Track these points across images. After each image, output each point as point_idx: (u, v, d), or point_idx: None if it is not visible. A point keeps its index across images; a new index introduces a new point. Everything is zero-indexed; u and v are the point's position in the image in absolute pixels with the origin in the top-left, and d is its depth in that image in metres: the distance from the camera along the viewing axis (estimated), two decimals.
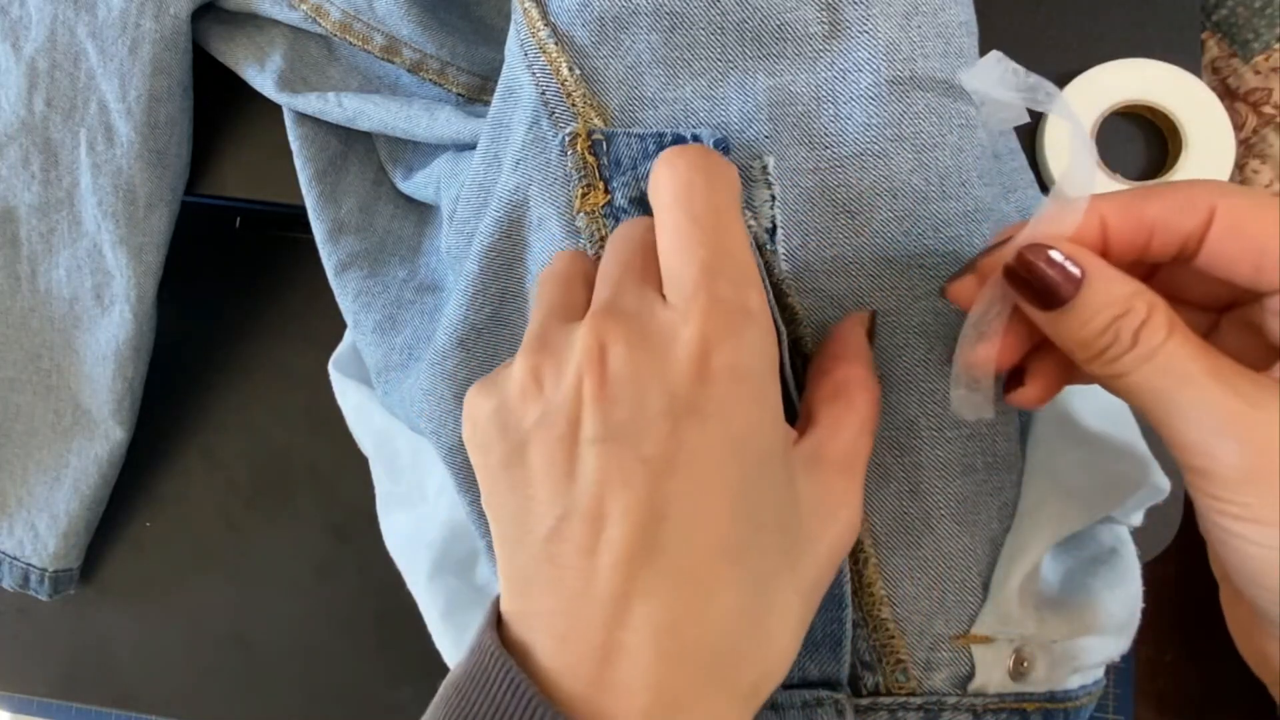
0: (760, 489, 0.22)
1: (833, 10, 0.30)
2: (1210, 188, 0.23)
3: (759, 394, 0.22)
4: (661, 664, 0.20)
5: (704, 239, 0.23)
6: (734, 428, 0.21)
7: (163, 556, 0.49)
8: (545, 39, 0.31)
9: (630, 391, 0.22)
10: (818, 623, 0.30)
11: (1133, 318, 0.23)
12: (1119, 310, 0.23)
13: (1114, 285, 0.23)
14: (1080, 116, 0.41)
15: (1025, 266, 0.24)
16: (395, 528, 0.39)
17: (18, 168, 0.43)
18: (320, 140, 0.42)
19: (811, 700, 0.29)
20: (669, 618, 0.20)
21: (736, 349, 0.22)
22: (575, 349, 0.23)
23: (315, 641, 0.48)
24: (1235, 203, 0.22)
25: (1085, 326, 0.23)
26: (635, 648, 0.20)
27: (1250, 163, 0.44)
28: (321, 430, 0.48)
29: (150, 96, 0.41)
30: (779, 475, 0.22)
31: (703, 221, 0.23)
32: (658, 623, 0.20)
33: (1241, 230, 0.22)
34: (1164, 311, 0.23)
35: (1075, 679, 0.31)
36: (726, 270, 0.23)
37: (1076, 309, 0.23)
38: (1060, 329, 0.24)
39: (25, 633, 0.50)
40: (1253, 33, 0.44)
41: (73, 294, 0.44)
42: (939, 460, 0.30)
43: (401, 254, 0.42)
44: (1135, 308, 0.23)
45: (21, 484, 0.47)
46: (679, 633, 0.20)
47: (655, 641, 0.20)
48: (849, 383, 0.26)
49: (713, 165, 0.24)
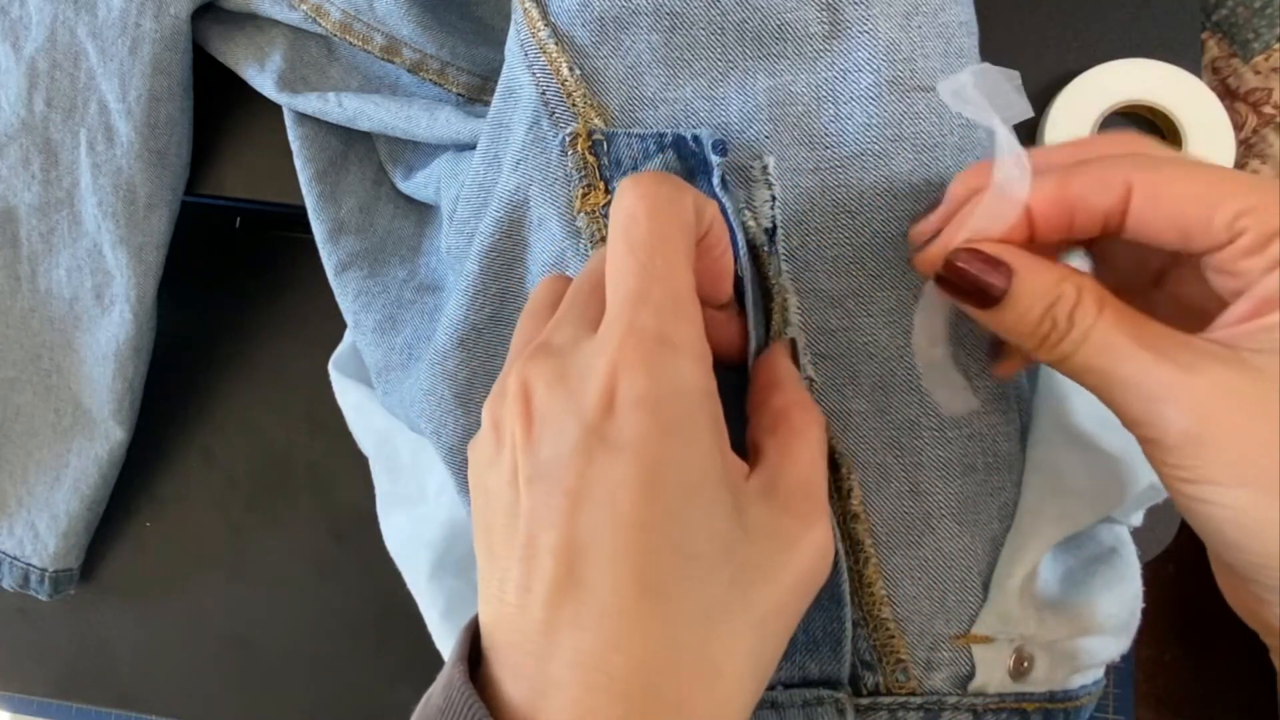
0: (687, 519, 0.21)
1: (833, 10, 0.30)
2: (1125, 164, 0.24)
3: (675, 424, 0.22)
4: (590, 696, 0.20)
5: (635, 268, 0.23)
6: (647, 458, 0.21)
7: (163, 556, 0.49)
8: (545, 39, 0.31)
9: (551, 429, 0.22)
10: (818, 622, 0.30)
11: (1064, 303, 0.24)
12: (1050, 298, 0.24)
13: (1041, 275, 0.24)
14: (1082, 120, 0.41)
15: (954, 273, 0.25)
16: (395, 528, 0.39)
17: (18, 168, 0.43)
18: (320, 140, 0.42)
19: (812, 699, 0.29)
20: (595, 650, 0.21)
21: (648, 379, 0.21)
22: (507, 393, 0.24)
23: (315, 641, 0.48)
24: (1148, 177, 0.23)
25: (1022, 319, 0.24)
26: (565, 682, 0.21)
27: (1250, 163, 0.44)
28: (321, 430, 0.48)
29: (150, 96, 0.41)
30: (714, 506, 0.22)
31: (638, 251, 0.23)
32: (584, 656, 0.21)
33: (1159, 201, 0.23)
34: (1092, 291, 0.24)
35: (1075, 679, 0.31)
36: (652, 300, 0.22)
37: (1010, 304, 0.24)
38: (1000, 324, 0.25)
39: (25, 633, 0.50)
40: (1253, 33, 0.44)
41: (73, 294, 0.44)
42: (939, 460, 0.30)
43: (401, 254, 0.42)
44: (1065, 293, 0.24)
45: (21, 484, 0.47)
46: (605, 665, 0.21)
47: (583, 675, 0.21)
48: (788, 409, 0.26)
49: (663, 193, 0.24)
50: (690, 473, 0.22)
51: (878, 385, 0.30)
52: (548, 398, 0.22)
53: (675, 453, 0.21)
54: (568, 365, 0.23)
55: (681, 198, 0.24)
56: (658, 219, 0.23)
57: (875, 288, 0.30)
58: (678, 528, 0.21)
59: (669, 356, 0.22)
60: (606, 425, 0.21)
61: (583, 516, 0.21)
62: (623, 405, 0.21)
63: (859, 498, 0.30)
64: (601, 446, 0.21)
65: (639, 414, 0.21)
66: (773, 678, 0.30)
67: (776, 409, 0.26)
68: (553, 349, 0.23)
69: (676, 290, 0.23)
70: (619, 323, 0.22)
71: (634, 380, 0.21)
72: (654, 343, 0.22)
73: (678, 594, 0.21)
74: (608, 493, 0.21)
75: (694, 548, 0.21)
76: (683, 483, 0.21)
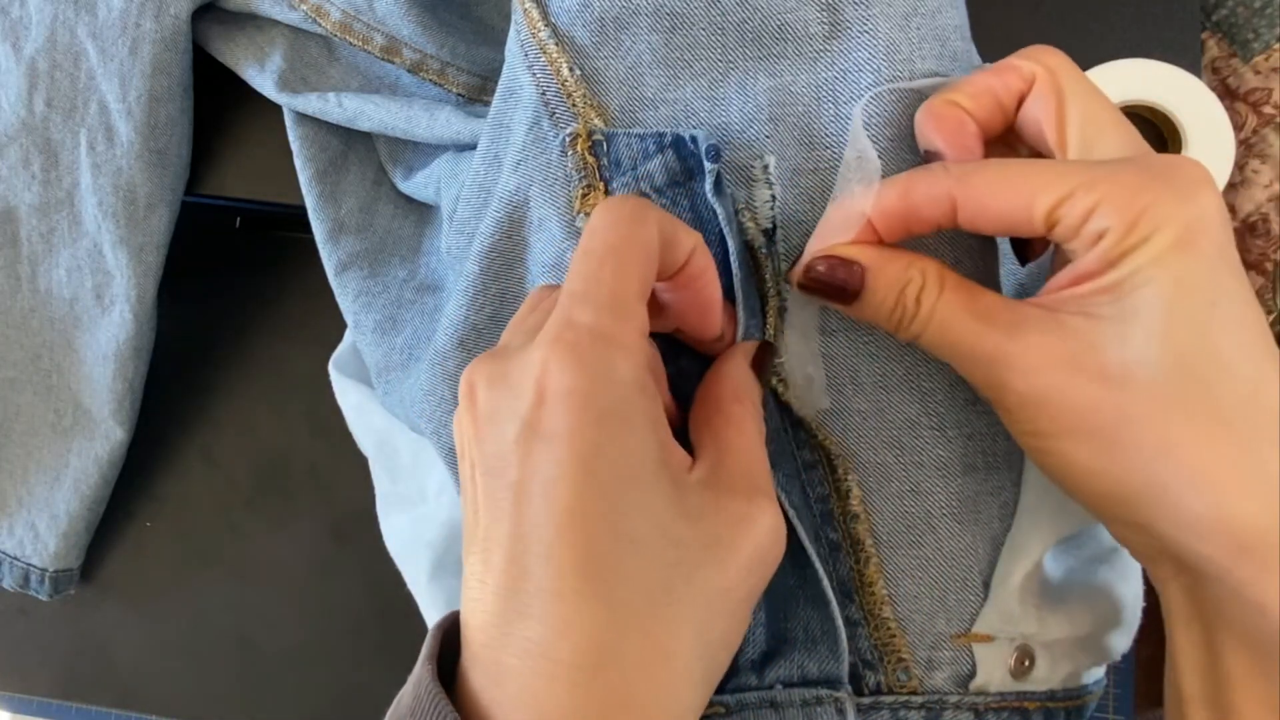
0: (624, 505, 0.22)
1: (833, 11, 0.30)
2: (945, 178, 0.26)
3: (607, 414, 0.22)
4: (540, 683, 0.21)
5: (582, 272, 0.24)
6: (580, 447, 0.22)
7: (163, 556, 0.49)
8: (546, 39, 0.31)
9: (493, 425, 0.23)
10: (815, 621, 0.30)
11: (912, 287, 0.26)
12: (899, 285, 0.26)
13: (889, 266, 0.27)
14: None
15: (812, 280, 0.27)
16: (395, 528, 0.39)
17: (18, 168, 0.43)
18: (320, 140, 0.42)
19: (811, 699, 0.29)
20: (542, 638, 0.21)
21: (577, 371, 0.22)
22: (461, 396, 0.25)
23: (315, 641, 0.48)
24: (967, 190, 0.25)
25: (879, 309, 0.27)
26: (517, 670, 0.21)
27: (1250, 163, 0.44)
28: (321, 430, 0.48)
29: (150, 96, 0.41)
30: (651, 493, 0.23)
31: (589, 258, 0.24)
32: (532, 644, 0.21)
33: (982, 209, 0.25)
34: (935, 272, 0.26)
35: (1076, 678, 0.31)
36: (591, 297, 0.23)
37: (867, 296, 0.27)
38: (861, 315, 0.28)
39: (25, 633, 0.50)
40: (1253, 33, 0.44)
41: (73, 294, 0.44)
42: (940, 459, 0.30)
43: (401, 254, 0.42)
44: (911, 278, 0.26)
45: (22, 484, 0.47)
46: (552, 652, 0.21)
47: (532, 663, 0.21)
48: (723, 402, 0.27)
49: (625, 209, 0.25)
50: (625, 461, 0.22)
51: (878, 385, 0.30)
52: (488, 396, 0.24)
53: (608, 441, 0.22)
54: (509, 365, 0.24)
55: (644, 216, 0.25)
56: (614, 231, 0.24)
57: None
58: (615, 514, 0.22)
59: (600, 349, 0.23)
60: (540, 418, 0.22)
61: (525, 508, 0.22)
62: (553, 397, 0.22)
63: (859, 497, 0.30)
64: (536, 439, 0.22)
65: (567, 405, 0.22)
66: (772, 677, 0.30)
67: (713, 402, 0.27)
68: (498, 351, 0.25)
69: (618, 293, 0.24)
70: (556, 321, 0.23)
71: (563, 373, 0.22)
72: (587, 338, 0.23)
73: (618, 579, 0.22)
74: (545, 483, 0.22)
75: (633, 533, 0.22)
76: (617, 470, 0.22)
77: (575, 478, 0.22)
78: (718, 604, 0.23)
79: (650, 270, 0.25)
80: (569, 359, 0.22)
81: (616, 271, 0.24)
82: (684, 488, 0.24)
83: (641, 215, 0.25)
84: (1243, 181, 0.44)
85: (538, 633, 0.21)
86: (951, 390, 0.30)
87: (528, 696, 0.21)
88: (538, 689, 0.21)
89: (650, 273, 0.25)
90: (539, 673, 0.21)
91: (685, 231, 0.26)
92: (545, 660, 0.21)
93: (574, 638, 0.21)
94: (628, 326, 0.23)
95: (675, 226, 0.26)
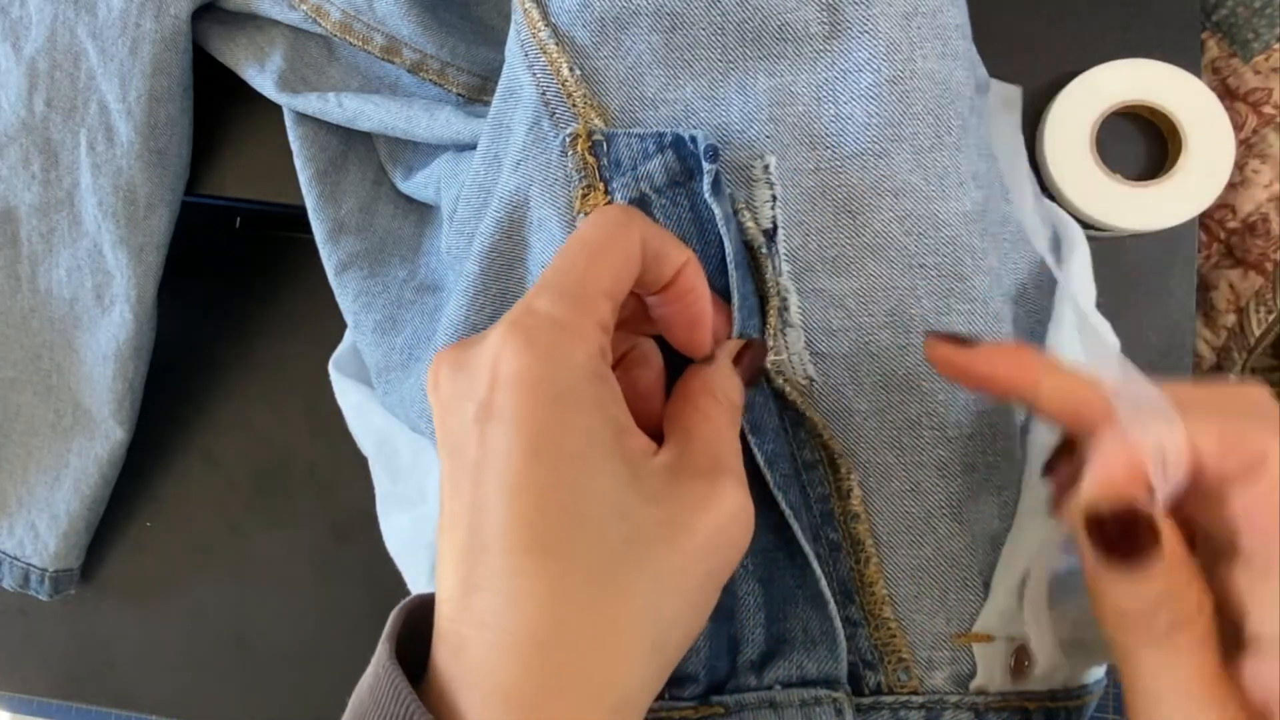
0: (573, 483, 0.23)
1: (833, 10, 0.30)
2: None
3: (558, 397, 0.23)
4: (492, 653, 0.22)
5: (556, 262, 0.25)
6: (530, 427, 0.22)
7: (163, 556, 0.49)
8: (546, 39, 0.31)
9: (455, 408, 0.24)
10: (814, 621, 0.30)
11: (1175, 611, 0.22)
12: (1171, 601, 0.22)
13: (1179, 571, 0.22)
14: (1082, 120, 0.41)
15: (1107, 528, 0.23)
16: (395, 528, 0.39)
17: (18, 168, 0.43)
18: (320, 140, 0.42)
19: (810, 699, 0.29)
20: (494, 609, 0.22)
21: (528, 354, 0.23)
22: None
23: (315, 641, 0.48)
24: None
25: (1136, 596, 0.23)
26: (472, 640, 0.22)
27: (1250, 163, 0.44)
28: (321, 430, 0.48)
29: (150, 96, 0.41)
30: (602, 472, 0.23)
31: (566, 250, 0.25)
32: (486, 615, 0.22)
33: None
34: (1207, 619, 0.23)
35: (1077, 678, 0.31)
36: (554, 286, 0.24)
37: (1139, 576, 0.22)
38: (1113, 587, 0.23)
39: (25, 633, 0.50)
40: (1253, 33, 0.44)
41: (73, 294, 0.44)
42: (940, 460, 0.30)
43: (401, 254, 0.42)
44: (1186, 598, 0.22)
45: (22, 484, 0.47)
46: (503, 622, 0.22)
47: (486, 633, 0.22)
48: (694, 395, 0.27)
49: (609, 217, 0.26)
50: (575, 441, 0.23)
51: (879, 385, 0.30)
52: (450, 381, 0.24)
53: (558, 423, 0.23)
54: (469, 351, 0.24)
55: (629, 223, 0.25)
56: (595, 230, 0.25)
57: (875, 288, 0.30)
58: (564, 491, 0.22)
59: (553, 335, 0.23)
60: (493, 399, 0.23)
61: (482, 486, 0.23)
62: (505, 380, 0.23)
63: (859, 497, 0.30)
64: (490, 420, 0.23)
65: (517, 387, 0.23)
66: (770, 677, 0.30)
67: (684, 395, 0.27)
68: (464, 341, 0.25)
69: (583, 284, 0.24)
70: (516, 307, 0.24)
71: (515, 357, 0.23)
72: (542, 324, 0.23)
73: (566, 554, 0.22)
74: (499, 461, 0.23)
75: (582, 510, 0.22)
76: (568, 449, 0.23)
77: (526, 457, 0.22)
78: (669, 582, 0.23)
79: (626, 272, 0.25)
80: (522, 343, 0.23)
81: (588, 266, 0.25)
82: (641, 470, 0.24)
83: (626, 221, 0.26)
84: (1243, 181, 0.44)
85: (492, 605, 0.22)
86: (952, 390, 0.30)
87: (483, 667, 0.22)
88: (491, 660, 0.22)
89: (626, 275, 0.25)
90: (492, 644, 0.22)
91: (676, 247, 0.26)
92: (498, 631, 0.22)
93: (523, 610, 0.22)
94: (585, 317, 0.24)
95: (666, 241, 0.26)
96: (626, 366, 0.29)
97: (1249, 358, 0.46)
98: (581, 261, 0.25)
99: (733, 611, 0.31)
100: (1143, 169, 0.42)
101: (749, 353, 0.29)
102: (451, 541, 0.23)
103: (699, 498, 0.24)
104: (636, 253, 0.25)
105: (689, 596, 0.24)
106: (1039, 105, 0.42)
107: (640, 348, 0.29)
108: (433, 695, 0.23)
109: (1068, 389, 0.25)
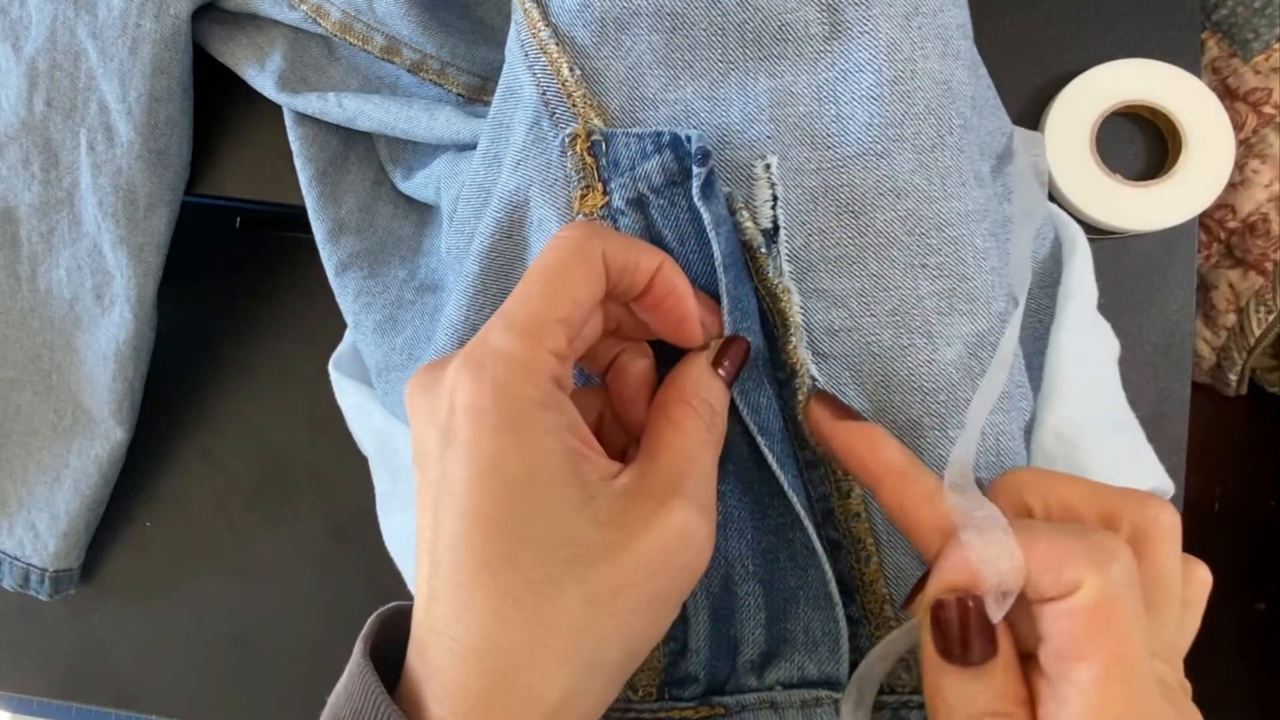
0: (517, 507, 0.24)
1: (833, 11, 0.30)
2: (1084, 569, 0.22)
3: (505, 426, 0.24)
4: (443, 658, 0.24)
5: (517, 290, 0.26)
6: (481, 454, 0.24)
7: (163, 556, 0.49)
8: (546, 39, 0.31)
9: (421, 430, 0.26)
10: (816, 622, 0.30)
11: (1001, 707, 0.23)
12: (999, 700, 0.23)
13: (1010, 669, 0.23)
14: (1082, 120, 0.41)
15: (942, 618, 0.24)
16: (395, 528, 0.39)
17: (18, 168, 0.43)
18: (320, 140, 0.42)
19: (810, 700, 0.29)
20: (446, 619, 0.24)
21: (475, 386, 0.24)
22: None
23: (315, 641, 0.48)
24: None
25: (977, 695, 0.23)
26: (429, 645, 0.24)
27: (1250, 163, 0.44)
28: (321, 430, 0.48)
29: (150, 96, 0.41)
30: (548, 497, 0.24)
31: (527, 276, 0.26)
32: (440, 623, 0.24)
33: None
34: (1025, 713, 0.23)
35: None
36: (507, 317, 0.25)
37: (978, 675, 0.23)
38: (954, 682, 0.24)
39: (25, 633, 0.50)
40: (1253, 33, 0.44)
41: (73, 294, 0.44)
42: (941, 460, 0.30)
43: (401, 254, 0.42)
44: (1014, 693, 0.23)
45: (22, 484, 0.47)
46: (451, 631, 0.24)
47: (439, 639, 0.24)
48: (668, 405, 0.27)
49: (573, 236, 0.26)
50: (520, 467, 0.24)
51: (880, 385, 0.30)
52: (420, 404, 0.26)
53: (505, 450, 0.24)
54: (435, 375, 0.26)
55: (588, 242, 0.26)
56: (555, 254, 0.26)
57: (878, 288, 0.30)
58: (508, 514, 0.24)
59: (502, 369, 0.25)
60: (451, 426, 0.25)
61: (440, 504, 0.24)
62: (459, 409, 0.24)
63: (860, 496, 0.30)
64: (449, 444, 0.24)
65: (468, 417, 0.24)
66: (771, 678, 0.30)
67: (659, 404, 0.28)
68: (435, 363, 0.26)
69: (537, 315, 0.25)
70: (474, 340, 0.26)
71: (465, 390, 0.24)
72: (490, 357, 0.25)
73: (506, 571, 0.24)
74: (453, 484, 0.24)
75: (524, 532, 0.24)
76: (514, 475, 0.24)
77: (475, 482, 0.24)
78: (606, 602, 0.24)
79: (586, 293, 0.26)
80: (472, 377, 0.25)
81: (544, 294, 0.26)
82: (598, 493, 0.25)
83: (584, 241, 0.26)
84: (1243, 181, 0.44)
85: (444, 615, 0.24)
86: (953, 391, 0.30)
87: (436, 670, 0.24)
88: (443, 664, 0.24)
89: (586, 296, 0.26)
90: (443, 649, 0.24)
91: (648, 255, 0.27)
92: (447, 639, 0.24)
93: (467, 622, 0.24)
94: (536, 348, 0.25)
95: (635, 250, 0.27)
96: (614, 373, 0.29)
97: (1249, 358, 0.46)
98: (536, 290, 0.26)
99: (733, 612, 0.31)
100: (1143, 169, 0.42)
101: (730, 350, 0.29)
102: (420, 551, 0.25)
103: (643, 519, 0.25)
104: (599, 270, 0.26)
105: (628, 617, 0.24)
106: (1039, 105, 0.42)
107: (628, 353, 0.29)
108: (403, 693, 0.25)
109: (903, 495, 0.26)
